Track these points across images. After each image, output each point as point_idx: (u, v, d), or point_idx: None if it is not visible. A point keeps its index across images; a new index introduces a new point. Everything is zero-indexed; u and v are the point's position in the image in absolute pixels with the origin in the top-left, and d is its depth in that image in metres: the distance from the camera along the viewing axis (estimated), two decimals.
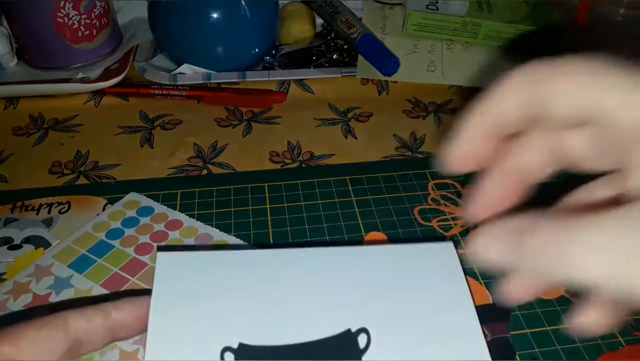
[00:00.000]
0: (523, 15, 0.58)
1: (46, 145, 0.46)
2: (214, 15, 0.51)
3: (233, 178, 0.43)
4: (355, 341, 0.25)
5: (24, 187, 0.42)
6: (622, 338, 0.32)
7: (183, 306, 0.25)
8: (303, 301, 0.26)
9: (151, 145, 0.46)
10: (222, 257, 0.28)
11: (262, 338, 0.25)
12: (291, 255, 0.28)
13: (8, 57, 0.55)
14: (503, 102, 0.19)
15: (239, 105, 0.51)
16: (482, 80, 0.53)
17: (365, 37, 0.54)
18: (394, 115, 0.50)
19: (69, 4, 0.51)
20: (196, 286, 0.26)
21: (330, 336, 0.25)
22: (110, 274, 0.34)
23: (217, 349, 0.24)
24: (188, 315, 0.25)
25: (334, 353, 0.24)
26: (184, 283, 0.26)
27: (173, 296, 0.25)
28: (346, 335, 0.25)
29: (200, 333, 0.25)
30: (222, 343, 0.24)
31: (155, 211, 0.38)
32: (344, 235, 0.37)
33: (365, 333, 0.25)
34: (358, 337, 0.25)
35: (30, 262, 0.35)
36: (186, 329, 0.25)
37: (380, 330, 0.25)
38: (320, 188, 0.41)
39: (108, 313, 0.24)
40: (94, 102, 0.51)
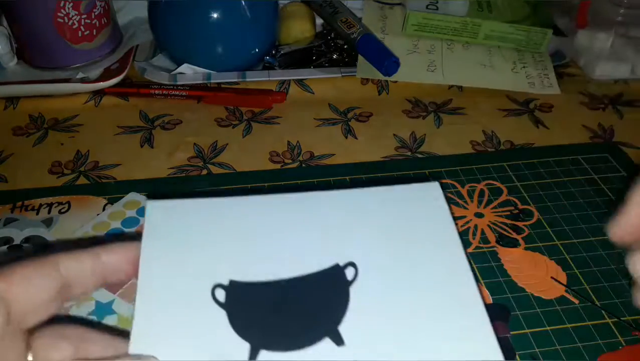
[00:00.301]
0: (523, 15, 0.58)
1: (46, 145, 0.46)
2: (214, 15, 0.51)
3: (233, 178, 0.43)
4: (343, 274, 0.25)
5: (24, 187, 0.42)
6: (622, 338, 0.32)
7: (173, 248, 0.26)
8: (293, 240, 0.26)
9: (151, 145, 0.46)
10: (211, 203, 0.28)
11: (252, 275, 0.25)
12: (281, 199, 0.28)
13: (8, 57, 0.55)
14: None
15: (239, 105, 0.51)
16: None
17: (365, 37, 0.54)
18: (394, 115, 0.50)
19: (69, 4, 0.51)
20: (186, 230, 0.26)
21: (318, 271, 0.25)
22: None
23: (208, 287, 0.24)
24: (178, 256, 0.25)
25: (322, 285, 0.25)
26: (174, 227, 0.26)
27: (163, 239, 0.26)
28: (334, 269, 0.25)
29: (190, 273, 0.25)
30: (213, 281, 0.25)
31: None
32: None
33: (353, 266, 0.26)
34: (346, 270, 0.25)
35: None
36: (177, 270, 0.25)
37: (367, 264, 0.26)
38: (320, 189, 0.41)
39: (98, 256, 0.24)
40: (94, 102, 0.51)
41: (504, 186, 0.42)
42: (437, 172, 0.43)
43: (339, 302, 0.24)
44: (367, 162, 0.44)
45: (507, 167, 0.43)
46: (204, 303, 0.24)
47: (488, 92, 0.53)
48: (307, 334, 0.23)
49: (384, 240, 0.27)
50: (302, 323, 0.24)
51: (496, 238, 0.38)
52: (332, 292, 0.25)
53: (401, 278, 0.25)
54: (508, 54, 0.56)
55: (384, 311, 0.24)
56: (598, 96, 0.53)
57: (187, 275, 0.25)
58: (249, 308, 0.24)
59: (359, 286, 0.25)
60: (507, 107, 0.51)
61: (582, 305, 0.34)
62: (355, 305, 0.24)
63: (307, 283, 0.25)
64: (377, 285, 0.25)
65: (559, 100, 0.52)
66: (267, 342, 0.23)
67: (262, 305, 0.24)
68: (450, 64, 0.55)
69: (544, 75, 0.54)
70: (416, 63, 0.54)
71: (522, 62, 0.56)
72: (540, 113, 0.50)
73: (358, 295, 0.25)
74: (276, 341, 0.23)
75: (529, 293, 0.34)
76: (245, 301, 0.24)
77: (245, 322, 0.24)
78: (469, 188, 0.41)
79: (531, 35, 0.56)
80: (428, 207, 0.28)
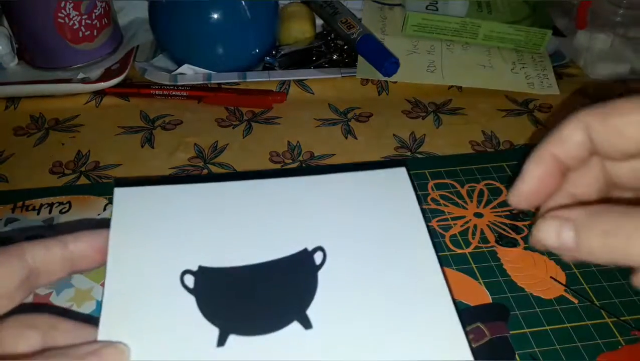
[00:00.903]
0: (523, 15, 0.58)
1: (47, 145, 0.47)
2: (214, 16, 0.51)
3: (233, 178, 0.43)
4: (312, 258, 0.26)
5: (25, 187, 0.42)
6: (621, 337, 0.32)
7: (142, 235, 0.26)
8: (261, 225, 0.27)
9: (152, 145, 0.47)
10: (180, 190, 0.28)
11: (221, 260, 0.25)
12: (250, 185, 0.29)
13: (9, 57, 0.55)
14: (566, 143, 0.23)
15: (239, 106, 0.51)
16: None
17: (365, 37, 0.54)
18: (394, 115, 0.50)
19: (69, 4, 0.51)
20: (155, 217, 0.26)
21: (287, 255, 0.26)
22: None
23: (177, 273, 0.24)
24: (147, 243, 0.25)
25: (290, 270, 0.25)
26: (142, 214, 0.26)
27: (132, 226, 0.26)
28: (303, 253, 0.26)
29: (159, 259, 0.25)
30: (181, 267, 0.25)
31: None
32: None
33: (322, 251, 0.26)
34: (314, 255, 0.26)
35: None
36: (146, 256, 0.25)
37: (336, 248, 0.26)
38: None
39: (66, 244, 0.24)
40: (94, 102, 0.52)
41: (504, 186, 0.42)
42: (437, 172, 0.43)
43: (307, 286, 0.25)
44: (367, 162, 0.45)
45: (506, 167, 0.44)
46: (173, 289, 0.24)
47: (487, 92, 0.53)
48: (276, 318, 0.24)
49: (352, 224, 0.27)
50: (270, 308, 0.24)
51: (495, 238, 0.38)
52: (301, 277, 0.25)
53: (368, 262, 0.26)
54: (507, 54, 0.56)
55: (351, 294, 0.24)
56: (597, 96, 0.53)
57: (156, 261, 0.25)
58: (218, 293, 0.24)
59: (327, 271, 0.25)
60: (506, 108, 0.51)
61: (582, 304, 0.34)
62: (324, 289, 0.25)
63: (275, 268, 0.25)
64: (345, 269, 0.25)
65: (558, 100, 0.52)
66: (235, 327, 0.23)
67: (231, 290, 0.24)
68: (450, 65, 0.55)
69: (543, 76, 0.54)
70: (416, 63, 0.55)
71: (521, 63, 0.56)
72: (540, 114, 0.51)
73: (326, 279, 0.25)
74: (245, 326, 0.23)
75: (528, 293, 0.34)
76: (213, 286, 0.24)
77: (213, 307, 0.24)
78: (468, 188, 0.42)
79: (530, 36, 0.56)
80: (395, 191, 0.28)
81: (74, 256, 0.24)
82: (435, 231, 0.38)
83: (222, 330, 0.23)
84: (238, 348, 0.23)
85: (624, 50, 0.55)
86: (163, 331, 0.23)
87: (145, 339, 0.22)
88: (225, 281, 0.25)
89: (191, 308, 0.24)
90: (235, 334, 0.23)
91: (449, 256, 0.36)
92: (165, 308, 0.23)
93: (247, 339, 0.23)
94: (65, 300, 0.32)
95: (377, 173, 0.29)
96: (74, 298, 0.32)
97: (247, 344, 0.23)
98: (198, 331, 0.23)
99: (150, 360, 0.22)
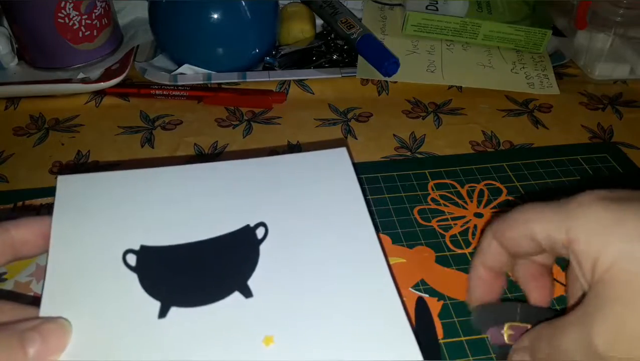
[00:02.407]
0: (522, 15, 0.58)
1: (47, 145, 0.47)
2: (214, 16, 0.51)
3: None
4: (254, 234, 0.26)
5: (25, 187, 0.42)
6: None
7: (85, 219, 0.26)
8: (205, 206, 0.27)
9: (152, 145, 0.47)
10: (122, 176, 0.28)
11: (163, 239, 0.26)
12: (193, 169, 0.29)
13: (9, 57, 0.55)
14: (486, 254, 0.29)
15: (240, 106, 0.51)
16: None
17: (365, 37, 0.54)
18: (394, 115, 0.50)
19: (69, 4, 0.51)
20: (97, 202, 0.27)
21: (229, 232, 0.26)
22: None
23: (120, 253, 0.25)
24: (90, 227, 0.26)
25: (233, 245, 0.26)
26: (85, 200, 0.27)
27: (74, 212, 0.26)
28: (245, 229, 0.26)
29: (102, 241, 0.25)
30: (124, 247, 0.25)
31: None
32: None
33: (263, 226, 0.27)
34: (256, 230, 0.26)
35: (31, 261, 0.35)
36: (89, 239, 0.25)
37: (277, 225, 0.27)
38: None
39: (7, 230, 0.24)
40: (94, 102, 0.52)
41: (504, 186, 0.42)
42: (437, 172, 0.43)
43: (248, 259, 0.25)
44: (366, 162, 0.45)
45: (506, 167, 0.44)
46: (116, 269, 0.25)
47: (487, 92, 0.53)
48: (217, 289, 0.24)
49: (295, 202, 0.28)
50: (212, 280, 0.25)
51: None
52: (243, 250, 0.26)
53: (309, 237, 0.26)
54: (507, 54, 0.57)
55: (291, 266, 0.25)
56: (597, 96, 0.53)
57: (98, 243, 0.25)
58: (160, 270, 0.25)
59: (268, 244, 0.26)
60: (506, 108, 0.51)
61: None
62: (265, 261, 0.25)
63: (218, 244, 0.26)
64: (286, 242, 0.26)
65: (558, 100, 0.52)
66: (177, 299, 0.24)
67: (174, 266, 0.25)
68: (450, 65, 0.55)
69: (543, 76, 0.54)
70: (416, 63, 0.55)
71: (521, 63, 0.56)
72: (540, 114, 0.51)
73: (268, 252, 0.26)
74: (186, 298, 0.24)
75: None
76: (156, 263, 0.25)
77: (155, 282, 0.24)
78: (468, 189, 0.42)
79: (530, 36, 0.56)
80: (336, 171, 0.30)
81: (15, 242, 0.24)
82: (435, 231, 0.38)
83: (164, 303, 0.24)
84: (179, 319, 0.23)
85: (624, 50, 0.55)
86: (105, 307, 0.23)
87: (87, 315, 0.23)
88: (167, 258, 0.25)
89: (133, 285, 0.24)
90: (177, 306, 0.24)
91: (449, 256, 0.36)
92: (108, 286, 0.24)
93: (188, 310, 0.24)
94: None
95: (319, 153, 0.31)
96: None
97: (188, 315, 0.23)
98: (140, 305, 0.23)
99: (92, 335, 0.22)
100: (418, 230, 0.38)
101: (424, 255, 0.36)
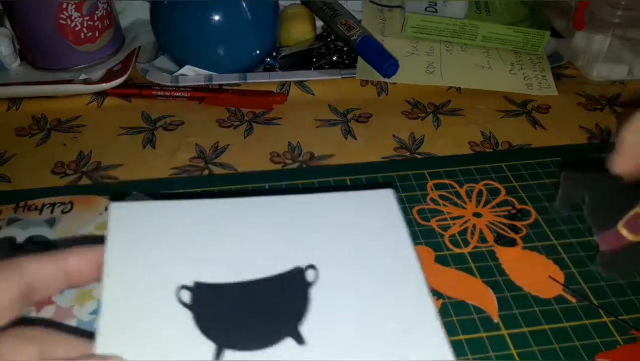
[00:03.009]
0: (521, 17, 0.58)
1: (49, 146, 0.47)
2: (215, 17, 0.51)
3: (234, 178, 0.43)
4: (304, 276, 0.26)
5: (27, 187, 0.42)
6: (619, 336, 0.32)
7: (138, 250, 0.26)
8: (256, 242, 0.27)
9: (153, 146, 0.47)
10: (176, 205, 0.28)
11: (216, 275, 0.26)
12: (243, 203, 0.29)
13: (11, 58, 0.55)
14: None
15: (240, 106, 0.51)
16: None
17: (364, 38, 0.54)
18: (393, 116, 0.51)
19: (71, 5, 0.51)
20: (150, 232, 0.27)
21: (280, 273, 0.26)
22: None
23: (174, 288, 0.25)
24: (143, 258, 0.26)
25: (284, 287, 0.26)
26: (138, 229, 0.27)
27: (127, 242, 0.26)
28: (295, 271, 0.26)
29: (155, 274, 0.25)
30: (178, 282, 0.25)
31: None
32: None
33: (313, 268, 0.26)
34: (306, 273, 0.26)
35: None
36: (142, 271, 0.25)
37: (326, 267, 0.26)
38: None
39: (62, 260, 0.24)
40: (96, 103, 0.52)
41: (502, 186, 0.42)
42: (436, 172, 0.43)
43: (300, 303, 0.25)
44: (366, 162, 0.45)
45: (505, 167, 0.44)
46: (170, 304, 0.24)
47: (486, 93, 0.53)
48: (270, 334, 0.24)
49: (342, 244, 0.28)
50: (264, 324, 0.24)
51: (494, 237, 0.38)
52: (293, 293, 0.26)
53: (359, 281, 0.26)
54: (506, 55, 0.57)
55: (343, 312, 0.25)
56: (595, 97, 0.53)
57: (152, 276, 0.25)
58: (214, 308, 0.25)
59: (319, 288, 0.26)
60: (505, 108, 0.52)
61: (580, 304, 0.34)
62: (316, 305, 0.25)
63: (269, 285, 0.26)
64: (337, 286, 0.26)
65: (556, 101, 0.52)
66: (231, 342, 0.24)
67: (227, 305, 0.25)
68: (449, 66, 0.55)
69: (541, 77, 0.55)
70: (415, 65, 0.55)
71: (519, 64, 0.56)
72: (538, 114, 0.51)
73: (319, 296, 0.25)
74: (240, 341, 0.24)
75: (526, 292, 0.35)
76: (210, 302, 0.25)
77: (210, 322, 0.24)
78: (467, 189, 0.42)
79: (529, 37, 0.56)
80: (382, 213, 0.29)
81: (69, 271, 0.24)
82: (434, 231, 0.38)
83: (218, 345, 0.23)
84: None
85: (622, 51, 0.56)
86: (160, 345, 0.23)
87: (142, 353, 0.23)
88: (220, 297, 0.25)
89: (187, 324, 0.24)
90: (231, 349, 0.23)
91: (448, 255, 0.36)
92: (162, 322, 0.24)
93: (242, 354, 0.23)
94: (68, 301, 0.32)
95: (365, 193, 0.30)
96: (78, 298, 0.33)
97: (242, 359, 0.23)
98: (195, 346, 0.23)
99: None
100: (417, 230, 0.38)
101: (423, 255, 0.36)
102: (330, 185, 0.42)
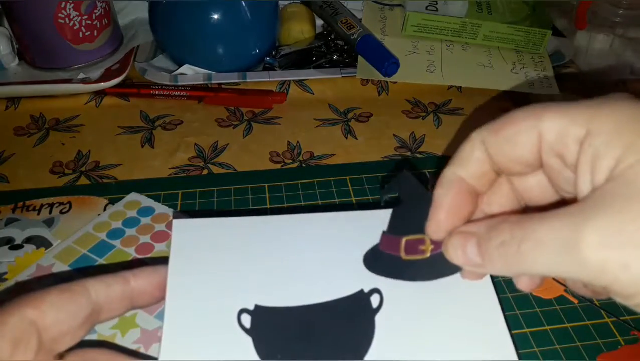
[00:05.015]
0: (522, 15, 0.58)
1: (47, 146, 0.47)
2: (214, 16, 0.51)
3: (233, 178, 0.43)
4: (368, 301, 0.25)
5: (25, 187, 0.42)
6: (621, 337, 0.32)
7: (199, 271, 0.26)
8: (316, 263, 0.26)
9: (152, 145, 0.47)
10: (236, 222, 0.28)
11: (277, 299, 0.25)
12: (303, 219, 0.28)
13: (9, 57, 0.55)
14: (467, 162, 0.22)
15: (240, 106, 0.51)
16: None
17: (365, 37, 0.54)
18: (394, 115, 0.50)
19: (69, 4, 0.51)
20: (211, 252, 0.26)
21: (343, 296, 0.25)
22: None
23: (234, 310, 0.24)
24: (204, 280, 0.25)
25: (347, 313, 0.24)
26: (200, 249, 0.26)
27: (189, 262, 0.26)
28: (359, 295, 0.25)
29: (217, 297, 0.25)
30: (238, 306, 0.25)
31: (156, 211, 0.38)
32: None
33: (378, 293, 0.25)
34: (371, 297, 0.25)
35: (31, 261, 0.35)
36: (203, 294, 0.25)
37: (389, 291, 0.25)
38: (320, 188, 0.42)
39: (127, 281, 0.24)
40: (94, 102, 0.52)
41: None
42: (437, 172, 0.43)
43: (364, 331, 0.24)
44: (366, 162, 0.45)
45: None
46: (230, 327, 0.24)
47: (487, 92, 0.53)
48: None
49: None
50: (327, 351, 0.23)
51: None
52: (358, 320, 0.24)
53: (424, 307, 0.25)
54: (507, 54, 0.57)
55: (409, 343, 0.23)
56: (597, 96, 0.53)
57: (213, 298, 0.25)
58: (274, 334, 0.24)
59: (383, 315, 0.24)
60: (506, 107, 0.51)
61: (581, 304, 0.34)
62: (381, 334, 0.24)
63: (332, 310, 0.25)
64: (401, 314, 0.24)
65: (558, 100, 0.52)
66: None
67: (287, 331, 0.24)
68: (450, 65, 0.55)
69: (543, 76, 0.54)
70: (416, 64, 0.55)
71: (521, 63, 0.56)
72: None
73: (384, 324, 0.24)
74: None
75: (528, 293, 0.34)
76: (270, 327, 0.24)
77: (270, 349, 0.23)
78: None
79: (530, 36, 0.56)
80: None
81: (134, 293, 0.24)
82: None
83: None
84: None
85: (624, 50, 0.55)
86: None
87: None
88: (281, 322, 0.24)
89: (248, 348, 0.23)
90: None
91: None
92: (222, 347, 0.23)
93: None
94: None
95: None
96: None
97: None
98: None
99: None
100: None
101: None
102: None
